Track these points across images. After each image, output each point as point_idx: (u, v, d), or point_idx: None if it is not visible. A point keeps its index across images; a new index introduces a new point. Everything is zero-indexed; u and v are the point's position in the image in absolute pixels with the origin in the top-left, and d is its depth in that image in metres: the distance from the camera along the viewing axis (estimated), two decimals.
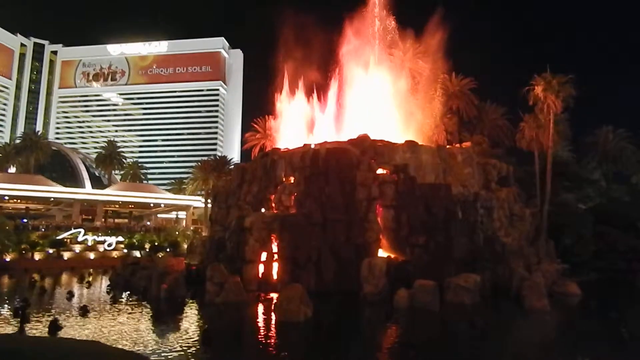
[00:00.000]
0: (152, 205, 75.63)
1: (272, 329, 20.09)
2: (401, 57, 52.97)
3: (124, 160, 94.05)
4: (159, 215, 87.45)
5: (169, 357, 14.94)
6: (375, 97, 45.99)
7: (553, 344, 18.34)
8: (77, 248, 52.58)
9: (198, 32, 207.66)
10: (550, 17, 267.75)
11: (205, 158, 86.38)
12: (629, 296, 31.20)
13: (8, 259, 46.89)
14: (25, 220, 61.00)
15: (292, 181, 35.34)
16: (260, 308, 24.42)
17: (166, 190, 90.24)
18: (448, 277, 26.11)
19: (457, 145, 43.90)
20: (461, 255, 29.49)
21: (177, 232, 65.02)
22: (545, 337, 19.37)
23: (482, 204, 33.73)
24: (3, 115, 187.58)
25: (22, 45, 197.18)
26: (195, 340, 17.10)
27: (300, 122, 47.40)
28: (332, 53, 47.58)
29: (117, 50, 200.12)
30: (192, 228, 74.15)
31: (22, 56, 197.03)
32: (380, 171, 34.21)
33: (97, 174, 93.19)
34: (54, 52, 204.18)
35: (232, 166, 70.31)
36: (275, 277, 29.55)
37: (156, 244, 56.56)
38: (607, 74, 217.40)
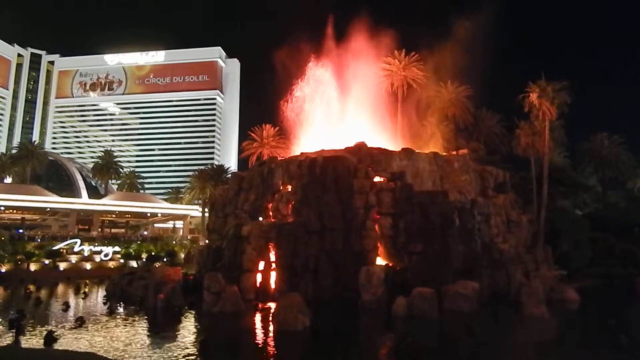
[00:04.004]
0: (149, 214, 75.31)
1: (270, 338, 19.99)
2: (397, 64, 53.48)
3: (120, 169, 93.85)
4: (156, 225, 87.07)
5: None
6: (371, 104, 46.28)
7: (551, 350, 18.30)
8: (74, 258, 52.19)
9: (195, 42, 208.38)
10: (544, 24, 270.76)
11: (203, 167, 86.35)
12: (627, 302, 31.17)
13: (3, 269, 46.49)
14: (21, 231, 60.59)
15: (290, 189, 35.35)
16: (258, 317, 24.32)
17: (163, 199, 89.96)
18: (446, 284, 26.07)
19: (454, 152, 44.07)
20: (459, 263, 29.46)
21: (174, 242, 64.74)
22: (544, 344, 19.31)
23: (479, 210, 33.75)
24: (0, 125, 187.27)
25: (19, 55, 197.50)
26: (192, 351, 16.99)
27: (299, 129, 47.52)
28: (327, 60, 47.88)
29: (114, 60, 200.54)
30: (189, 237, 73.79)
31: (19, 66, 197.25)
32: (377, 179, 34.28)
33: (94, 184, 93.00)
34: (51, 62, 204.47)
35: (230, 175, 70.28)
36: (273, 285, 29.43)
37: (153, 253, 56.22)
38: (602, 80, 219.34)
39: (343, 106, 46.58)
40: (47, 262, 50.00)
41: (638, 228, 47.84)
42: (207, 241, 46.90)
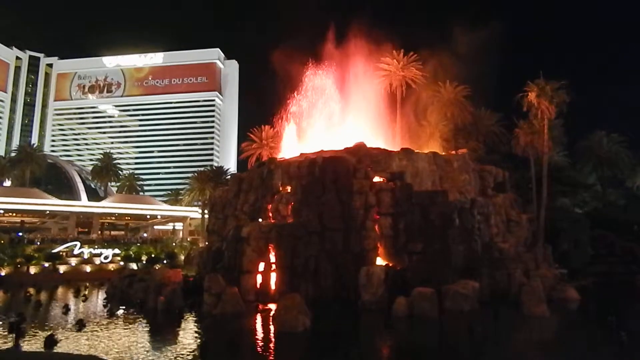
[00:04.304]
0: (148, 216, 75.26)
1: (271, 339, 19.96)
2: (396, 65, 53.53)
3: (120, 172, 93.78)
4: (155, 227, 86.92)
5: None
6: (370, 104, 46.32)
7: (552, 349, 18.30)
8: (73, 261, 52.09)
9: (193, 44, 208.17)
10: (543, 23, 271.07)
11: (202, 168, 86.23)
12: (628, 300, 31.18)
13: (3, 273, 46.44)
14: (20, 234, 60.49)
15: (289, 190, 35.34)
16: (259, 318, 24.27)
17: (163, 201, 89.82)
18: (446, 284, 26.08)
19: (453, 152, 44.11)
20: (459, 262, 29.48)
21: (174, 244, 64.61)
22: (545, 343, 19.32)
23: (479, 210, 33.79)
24: None
25: (18, 58, 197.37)
26: (193, 353, 16.96)
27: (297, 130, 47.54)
28: (326, 61, 47.95)
29: (112, 62, 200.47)
30: (189, 239, 73.69)
31: (18, 69, 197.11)
32: (376, 179, 34.29)
33: (93, 186, 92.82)
34: (50, 65, 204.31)
35: (229, 176, 70.18)
36: (273, 286, 29.41)
37: (153, 255, 56.13)
38: (600, 79, 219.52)
39: (342, 107, 46.61)
40: (46, 265, 49.92)
41: (638, 226, 47.90)
42: (207, 243, 46.86)
